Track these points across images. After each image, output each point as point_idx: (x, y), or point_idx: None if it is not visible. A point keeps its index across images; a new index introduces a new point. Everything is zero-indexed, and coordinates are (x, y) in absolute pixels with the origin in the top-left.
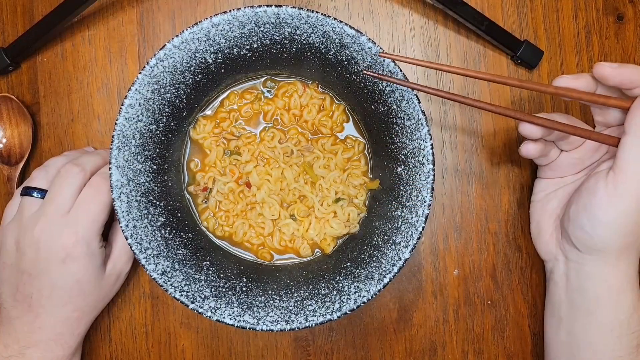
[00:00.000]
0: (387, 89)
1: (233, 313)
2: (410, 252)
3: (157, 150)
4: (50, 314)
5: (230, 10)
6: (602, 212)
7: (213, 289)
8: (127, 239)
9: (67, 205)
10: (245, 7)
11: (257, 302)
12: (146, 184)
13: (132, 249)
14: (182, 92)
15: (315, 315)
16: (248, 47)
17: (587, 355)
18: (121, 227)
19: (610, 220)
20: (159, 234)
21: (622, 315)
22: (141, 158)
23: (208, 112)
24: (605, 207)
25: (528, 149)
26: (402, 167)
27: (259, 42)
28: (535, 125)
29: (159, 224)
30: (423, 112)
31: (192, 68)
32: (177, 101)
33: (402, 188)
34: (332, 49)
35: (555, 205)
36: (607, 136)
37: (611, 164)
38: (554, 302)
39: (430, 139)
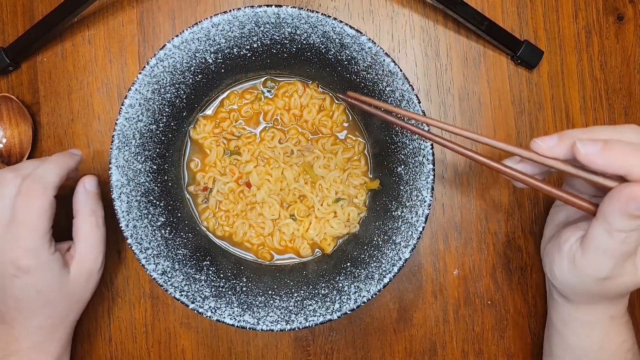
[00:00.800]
0: (387, 89)
1: (233, 313)
2: (410, 252)
3: (157, 150)
4: (23, 325)
5: (230, 10)
6: (561, 274)
7: (213, 289)
8: (127, 239)
9: (6, 217)
10: (245, 7)
11: (257, 302)
12: (146, 183)
13: (132, 248)
14: (182, 92)
15: (315, 315)
16: (248, 47)
17: None
18: (121, 227)
19: (571, 285)
20: (159, 234)
21: (593, 345)
22: (141, 158)
23: (208, 112)
24: (564, 273)
25: (521, 185)
26: (402, 167)
27: (259, 42)
28: (517, 180)
29: (159, 224)
30: (423, 112)
31: (192, 68)
32: (177, 101)
33: (402, 188)
34: (332, 49)
35: (561, 220)
36: (588, 204)
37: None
38: (549, 308)
39: None
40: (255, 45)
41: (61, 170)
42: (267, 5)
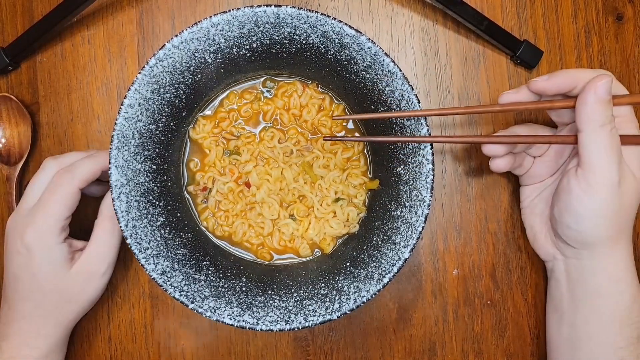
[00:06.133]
0: (387, 88)
1: (232, 313)
2: (409, 252)
3: (157, 150)
4: (15, 309)
5: (229, 10)
6: (582, 207)
7: (213, 289)
8: (126, 238)
9: (35, 200)
10: (244, 7)
11: (257, 302)
12: (146, 183)
13: (132, 248)
14: (182, 92)
15: (314, 315)
16: (247, 47)
17: (588, 347)
18: (121, 227)
19: (591, 214)
20: (159, 234)
21: (622, 305)
22: (141, 158)
23: (207, 112)
24: (584, 202)
25: (497, 165)
26: (402, 166)
27: (258, 42)
28: (496, 144)
29: (158, 223)
30: None
31: (191, 68)
32: (177, 101)
33: (401, 188)
34: (332, 49)
35: (543, 207)
36: (565, 136)
37: (577, 161)
38: (556, 298)
39: None
40: (254, 45)
41: (95, 166)
42: (267, 5)
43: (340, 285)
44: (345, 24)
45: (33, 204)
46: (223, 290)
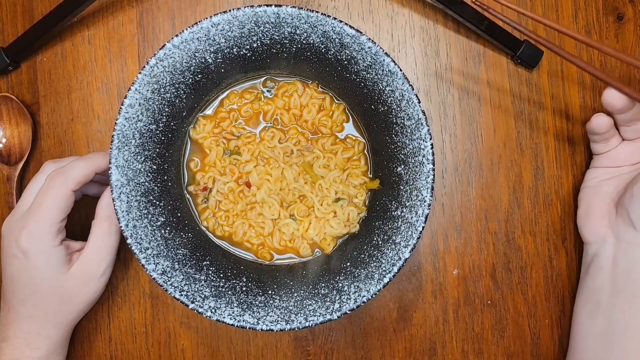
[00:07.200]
0: (387, 88)
1: (233, 313)
2: (410, 252)
3: (157, 150)
4: (15, 311)
5: (230, 10)
6: None
7: (213, 289)
8: (126, 238)
9: (30, 202)
10: (245, 7)
11: (257, 302)
12: (146, 183)
13: (132, 248)
14: (182, 91)
15: (315, 315)
16: (248, 46)
17: (627, 341)
18: (121, 226)
19: None
20: (159, 234)
21: None
22: (141, 158)
23: (208, 111)
24: None
25: (600, 123)
26: (402, 166)
27: (258, 42)
28: (621, 93)
29: (158, 223)
30: (423, 111)
31: (192, 68)
32: (177, 101)
33: (402, 188)
34: (332, 49)
35: (611, 189)
36: None
37: None
38: (593, 287)
39: (430, 139)
40: (255, 45)
41: (88, 168)
42: (267, 5)
43: (340, 285)
44: (346, 23)
45: (26, 208)
46: (223, 290)
